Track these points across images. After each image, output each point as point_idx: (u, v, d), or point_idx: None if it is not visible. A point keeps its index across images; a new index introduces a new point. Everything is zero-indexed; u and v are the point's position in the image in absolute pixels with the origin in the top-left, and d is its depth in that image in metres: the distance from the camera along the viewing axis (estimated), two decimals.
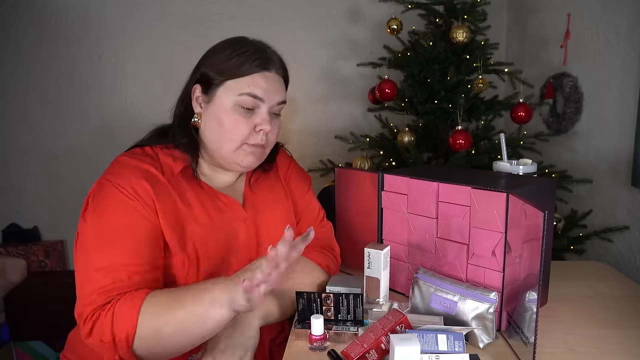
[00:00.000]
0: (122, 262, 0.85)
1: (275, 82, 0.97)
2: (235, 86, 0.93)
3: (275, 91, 0.96)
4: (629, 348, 0.84)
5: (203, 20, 2.60)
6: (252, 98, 0.93)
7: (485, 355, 0.82)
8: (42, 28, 2.57)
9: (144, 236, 0.88)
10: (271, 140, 1.00)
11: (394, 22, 1.99)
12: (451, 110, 1.85)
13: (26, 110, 2.64)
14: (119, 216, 0.87)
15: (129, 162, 0.93)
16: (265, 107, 0.95)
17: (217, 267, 0.95)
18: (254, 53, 0.94)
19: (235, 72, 0.93)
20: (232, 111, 0.94)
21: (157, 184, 0.92)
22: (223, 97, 0.94)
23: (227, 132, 0.94)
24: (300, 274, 1.03)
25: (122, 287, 0.84)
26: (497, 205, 0.88)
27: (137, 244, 0.87)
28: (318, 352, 0.85)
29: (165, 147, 0.99)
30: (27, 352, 2.30)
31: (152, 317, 0.81)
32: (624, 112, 1.72)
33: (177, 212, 0.92)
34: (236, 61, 0.93)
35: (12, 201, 2.69)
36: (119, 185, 0.89)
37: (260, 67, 0.94)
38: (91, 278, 0.85)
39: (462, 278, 0.96)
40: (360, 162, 1.99)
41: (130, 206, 0.88)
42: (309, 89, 2.75)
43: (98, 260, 0.85)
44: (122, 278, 0.85)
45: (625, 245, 1.72)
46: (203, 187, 0.98)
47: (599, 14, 1.84)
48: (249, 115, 0.94)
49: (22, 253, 2.59)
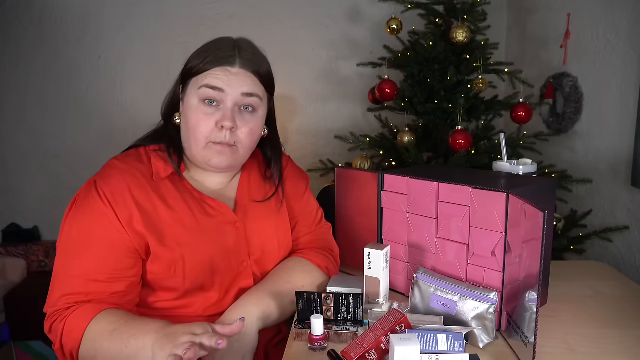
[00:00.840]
0: (84, 270, 0.87)
1: (239, 76, 0.93)
2: (197, 81, 0.93)
3: (238, 84, 0.92)
4: (628, 348, 0.84)
5: (203, 21, 2.60)
6: (210, 90, 0.91)
7: (485, 355, 0.82)
8: (41, 28, 2.57)
9: (109, 246, 0.88)
10: (243, 140, 0.95)
11: (394, 22, 1.99)
12: (451, 110, 1.85)
13: (26, 110, 2.64)
14: (90, 223, 0.89)
15: (119, 167, 0.94)
16: (230, 101, 0.92)
17: (205, 271, 0.95)
18: (218, 50, 0.93)
19: (200, 68, 0.93)
20: (195, 108, 0.93)
21: (143, 192, 0.92)
22: (189, 95, 0.94)
23: (191, 130, 0.93)
24: (299, 275, 1.03)
25: (79, 295, 0.87)
26: (497, 205, 0.88)
27: (100, 253, 0.88)
28: (318, 352, 0.85)
29: (160, 149, 0.99)
30: (27, 352, 2.30)
31: (91, 341, 0.83)
32: (624, 112, 1.72)
33: (161, 218, 0.92)
34: (202, 58, 0.93)
35: (12, 201, 2.69)
36: (102, 191, 0.90)
37: (222, 62, 0.92)
38: (57, 279, 0.89)
39: (462, 278, 0.96)
40: (360, 162, 1.99)
41: (104, 215, 0.89)
42: (309, 89, 2.75)
43: (64, 263, 0.89)
44: (79, 286, 0.87)
45: (625, 245, 1.72)
46: (190, 191, 0.98)
47: (599, 14, 1.84)
48: (212, 111, 0.92)
49: (22, 253, 2.59)
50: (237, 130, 0.94)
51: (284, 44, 2.63)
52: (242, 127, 0.94)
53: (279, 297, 0.96)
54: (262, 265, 1.03)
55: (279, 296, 0.97)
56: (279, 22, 2.63)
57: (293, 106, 2.74)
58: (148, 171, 0.95)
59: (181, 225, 0.93)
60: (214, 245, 0.96)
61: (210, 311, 0.98)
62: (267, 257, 1.03)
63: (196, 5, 2.61)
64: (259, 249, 1.02)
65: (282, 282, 1.00)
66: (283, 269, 1.04)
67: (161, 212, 0.92)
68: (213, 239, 0.96)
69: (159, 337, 0.79)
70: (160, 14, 2.60)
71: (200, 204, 0.97)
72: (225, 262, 0.97)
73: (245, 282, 1.00)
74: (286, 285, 0.99)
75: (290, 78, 2.70)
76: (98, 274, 0.87)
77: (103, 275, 0.88)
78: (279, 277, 1.01)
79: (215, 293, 0.97)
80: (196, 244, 0.94)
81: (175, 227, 0.93)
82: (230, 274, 0.98)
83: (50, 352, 2.29)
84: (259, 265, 1.02)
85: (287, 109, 2.72)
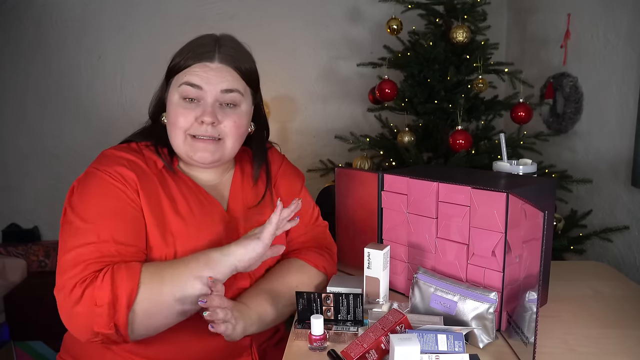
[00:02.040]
0: (110, 237, 0.85)
1: (219, 72, 0.93)
2: (178, 79, 0.94)
3: (218, 80, 0.93)
4: (629, 348, 0.84)
5: (203, 20, 2.60)
6: (189, 87, 0.92)
7: (485, 355, 0.82)
8: (41, 28, 2.57)
9: (130, 218, 0.89)
10: (228, 132, 0.96)
11: (394, 22, 1.99)
12: (451, 110, 1.85)
13: (26, 110, 2.64)
14: (106, 197, 0.88)
15: (115, 153, 0.95)
16: (210, 97, 0.93)
17: None
18: (199, 46, 0.94)
19: (180, 65, 0.94)
20: (176, 105, 0.94)
21: (143, 174, 0.93)
22: (171, 92, 0.96)
23: (171, 125, 0.95)
24: (296, 276, 1.03)
25: (113, 258, 0.84)
26: (497, 205, 0.88)
27: (124, 224, 0.88)
28: (318, 352, 0.85)
29: (151, 145, 1.00)
30: (27, 352, 2.30)
31: (149, 283, 0.82)
32: (624, 112, 1.72)
33: (160, 203, 0.92)
34: (183, 55, 0.94)
35: (12, 201, 2.69)
36: (106, 171, 0.90)
37: (200, 58, 0.93)
38: (78, 254, 0.83)
39: (462, 278, 0.96)
40: (360, 162, 1.99)
41: (117, 188, 0.89)
42: (309, 89, 2.75)
43: (85, 237, 0.85)
44: (110, 251, 0.85)
45: (625, 245, 1.72)
46: (187, 182, 0.98)
47: (599, 14, 1.84)
48: (192, 107, 0.93)
49: (22, 253, 2.59)
50: (219, 125, 0.94)
51: (285, 44, 2.63)
52: (224, 121, 0.95)
53: (275, 299, 0.96)
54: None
55: (275, 298, 0.96)
56: (279, 22, 2.63)
57: (293, 106, 2.74)
58: (143, 160, 0.96)
59: (178, 216, 0.93)
60: (207, 236, 0.95)
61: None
62: None
63: (196, 5, 2.61)
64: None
65: (279, 284, 1.00)
66: (279, 271, 1.04)
67: (161, 198, 0.93)
68: (207, 234, 0.96)
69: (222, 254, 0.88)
70: (160, 14, 2.60)
71: (196, 194, 0.98)
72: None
73: (242, 283, 1.00)
74: (282, 287, 0.99)
75: (290, 78, 2.70)
76: (124, 244, 0.86)
77: (128, 245, 0.86)
78: (275, 279, 1.01)
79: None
80: (190, 237, 0.93)
81: (172, 216, 0.93)
82: None
83: (50, 352, 2.29)
84: None
85: (287, 109, 2.72)
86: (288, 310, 1.00)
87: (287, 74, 2.68)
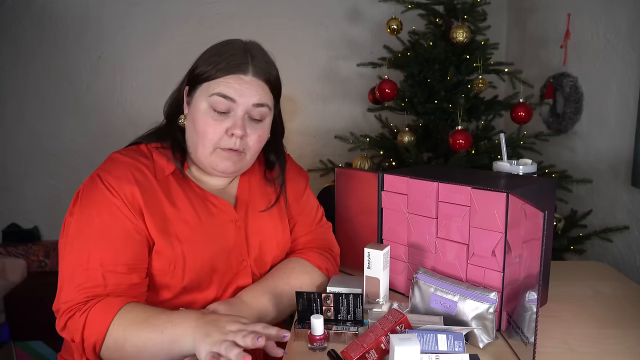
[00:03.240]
0: (99, 261, 0.86)
1: (252, 85, 0.92)
2: (209, 87, 0.91)
3: (250, 93, 0.92)
4: (629, 348, 0.84)
5: (203, 21, 2.60)
6: (222, 98, 0.90)
7: (485, 355, 0.82)
8: (41, 28, 2.57)
9: (125, 236, 0.88)
10: (251, 146, 0.96)
11: (394, 22, 1.99)
12: (451, 110, 1.85)
13: (25, 111, 2.64)
14: (103, 214, 0.88)
15: (123, 160, 0.94)
16: (240, 110, 0.92)
17: (204, 269, 0.95)
18: (232, 56, 0.91)
19: (211, 74, 0.91)
20: (204, 113, 0.92)
21: (147, 186, 0.92)
22: (198, 99, 0.93)
23: (199, 135, 0.92)
24: (298, 276, 1.03)
25: (97, 287, 0.85)
26: (497, 205, 0.88)
27: (117, 244, 0.87)
28: (318, 352, 0.85)
29: (162, 147, 0.99)
30: (27, 352, 2.30)
31: (121, 330, 0.82)
32: (624, 112, 1.72)
33: (164, 213, 0.92)
34: (214, 63, 0.91)
35: (12, 201, 2.69)
36: (107, 183, 0.89)
37: (235, 69, 0.91)
38: (70, 273, 0.86)
39: (462, 278, 0.96)
40: (360, 162, 1.99)
41: (115, 205, 0.88)
42: (309, 89, 2.75)
43: (77, 257, 0.86)
44: (97, 278, 0.85)
45: (625, 245, 1.72)
46: (193, 189, 0.98)
47: (599, 14, 1.84)
48: (222, 118, 0.92)
49: (22, 253, 2.59)
50: (246, 138, 0.94)
51: (284, 44, 2.63)
52: (251, 135, 0.94)
53: (276, 297, 0.97)
54: (260, 264, 1.03)
55: (276, 296, 0.97)
56: (279, 22, 2.63)
57: (293, 106, 2.74)
58: (151, 166, 0.95)
59: (184, 223, 0.93)
60: (215, 244, 0.96)
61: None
62: (265, 256, 1.03)
63: (196, 5, 2.61)
64: (257, 248, 1.02)
65: (281, 283, 1.00)
66: (282, 269, 1.04)
67: (165, 207, 0.92)
68: (215, 238, 0.96)
69: (201, 324, 0.79)
70: (160, 14, 2.60)
71: (204, 201, 0.97)
72: (225, 261, 0.97)
73: (244, 281, 1.00)
74: (284, 286, 0.99)
75: (290, 78, 2.67)
76: (116, 265, 0.86)
77: (121, 266, 0.87)
78: (278, 278, 1.01)
79: (212, 291, 0.97)
80: (198, 242, 0.94)
81: (178, 224, 0.93)
82: (229, 273, 0.98)
83: (50, 352, 2.29)
84: (257, 263, 1.02)
85: (287, 109, 2.70)
86: (288, 310, 1.00)
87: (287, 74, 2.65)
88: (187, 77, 0.98)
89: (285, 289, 0.98)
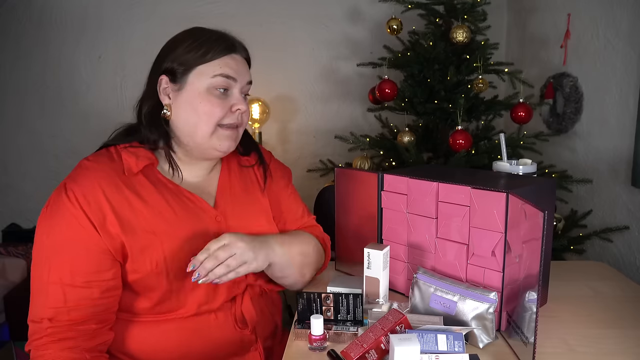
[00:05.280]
0: (59, 276, 0.86)
1: (243, 64, 1.00)
2: (207, 70, 0.94)
3: (244, 72, 0.99)
4: (629, 348, 0.84)
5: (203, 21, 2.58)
6: (225, 78, 0.95)
7: (485, 355, 0.82)
8: (41, 28, 2.57)
9: (84, 250, 0.87)
10: (244, 121, 1.02)
11: (394, 22, 1.99)
12: (451, 110, 1.85)
13: (25, 111, 2.64)
14: (62, 228, 0.87)
15: (89, 166, 0.93)
16: (238, 88, 0.98)
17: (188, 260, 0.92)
18: (217, 39, 0.96)
19: (205, 58, 0.94)
20: (206, 94, 0.94)
21: (116, 189, 0.91)
22: (196, 83, 0.94)
23: (203, 114, 0.94)
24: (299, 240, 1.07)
25: (58, 302, 0.85)
26: (497, 205, 0.88)
27: (75, 258, 0.87)
28: (318, 352, 0.85)
29: (130, 146, 0.98)
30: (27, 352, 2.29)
31: None
32: (624, 112, 1.71)
33: (136, 212, 0.91)
34: (204, 45, 0.94)
35: (12, 201, 2.69)
36: (72, 193, 0.88)
37: (228, 50, 0.96)
38: (35, 289, 0.88)
39: (461, 278, 0.96)
40: (360, 162, 1.99)
41: (75, 218, 0.87)
42: (309, 89, 2.75)
43: (39, 272, 0.87)
44: (57, 294, 0.85)
45: (625, 245, 1.72)
46: (166, 185, 0.97)
47: (599, 14, 1.84)
48: (224, 96, 0.96)
49: (22, 253, 2.59)
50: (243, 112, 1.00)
51: (284, 44, 2.63)
52: (246, 110, 1.00)
53: (288, 240, 1.02)
54: None
55: (288, 239, 1.03)
56: (279, 22, 2.63)
57: (293, 106, 2.74)
58: (120, 168, 0.94)
59: (159, 217, 0.92)
60: (193, 234, 0.94)
61: (205, 308, 0.97)
62: None
63: (196, 5, 2.61)
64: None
65: (295, 243, 1.04)
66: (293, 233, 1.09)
67: (137, 207, 0.91)
68: (193, 230, 0.95)
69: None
70: (160, 13, 2.60)
71: (178, 196, 0.96)
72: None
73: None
74: (295, 235, 1.06)
75: (290, 78, 2.70)
76: (73, 278, 0.86)
77: (78, 280, 0.86)
78: (292, 238, 1.06)
79: (202, 288, 0.95)
80: (175, 234, 0.92)
81: (152, 219, 0.91)
82: None
83: None
84: None
85: (287, 109, 2.72)
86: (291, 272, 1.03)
87: (287, 74, 2.68)
88: (158, 69, 0.98)
89: (296, 236, 1.07)
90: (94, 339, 0.88)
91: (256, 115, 2.46)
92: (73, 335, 0.86)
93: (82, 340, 0.86)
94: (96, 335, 0.88)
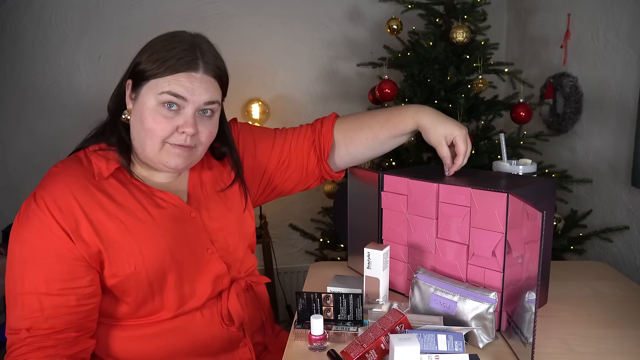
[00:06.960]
0: (33, 285, 0.85)
1: (203, 82, 0.90)
2: (157, 85, 0.88)
3: (201, 91, 0.89)
4: (629, 348, 0.84)
5: (203, 21, 2.60)
6: (172, 97, 0.88)
7: (485, 355, 0.82)
8: (41, 28, 2.57)
9: (57, 257, 0.86)
10: (203, 141, 0.94)
11: (394, 22, 1.99)
12: (451, 110, 1.85)
13: (26, 111, 2.64)
14: (33, 236, 0.86)
15: (59, 173, 0.91)
16: (191, 108, 0.89)
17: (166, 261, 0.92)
18: (182, 51, 0.88)
19: (160, 70, 0.88)
20: (153, 110, 0.89)
21: (87, 194, 0.89)
22: (146, 96, 0.89)
23: (148, 131, 0.89)
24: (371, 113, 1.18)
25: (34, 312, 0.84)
26: (497, 206, 0.88)
27: (48, 266, 0.85)
28: (318, 352, 0.85)
29: (100, 148, 0.96)
30: None
31: None
32: (624, 112, 1.71)
33: (110, 216, 0.89)
34: (163, 58, 0.88)
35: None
36: (42, 201, 0.87)
37: (186, 67, 0.88)
38: (10, 300, 0.86)
39: (462, 278, 0.96)
40: None
41: (47, 226, 0.86)
42: (309, 89, 2.74)
43: (13, 282, 0.86)
44: (33, 303, 0.84)
45: (625, 245, 1.72)
46: (139, 187, 0.95)
47: (599, 14, 1.84)
48: (172, 115, 0.89)
49: None
50: (197, 135, 0.92)
51: (284, 44, 2.63)
52: (202, 132, 0.93)
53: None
54: (227, 251, 1.01)
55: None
56: (279, 22, 2.63)
57: (293, 106, 2.74)
58: (90, 172, 0.92)
59: (133, 218, 0.91)
60: (170, 233, 0.93)
61: (188, 306, 0.96)
62: (230, 245, 1.02)
63: (196, 5, 2.61)
64: (221, 238, 1.00)
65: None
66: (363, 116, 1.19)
67: (111, 210, 0.89)
68: (168, 228, 0.93)
69: None
70: (160, 13, 2.60)
71: (151, 197, 0.95)
72: (187, 251, 0.95)
73: (217, 268, 0.99)
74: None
75: (290, 78, 2.70)
76: (49, 287, 0.85)
77: (54, 288, 0.85)
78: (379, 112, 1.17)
79: (186, 286, 0.95)
80: (151, 234, 0.91)
81: (127, 221, 0.90)
82: (195, 263, 0.96)
83: None
84: (224, 251, 1.01)
85: (287, 109, 2.72)
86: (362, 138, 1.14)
87: (287, 74, 2.68)
88: (129, 71, 0.95)
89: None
90: (74, 347, 0.87)
91: (256, 115, 2.46)
92: (52, 343, 0.84)
93: (62, 348, 0.85)
94: (76, 343, 0.87)
